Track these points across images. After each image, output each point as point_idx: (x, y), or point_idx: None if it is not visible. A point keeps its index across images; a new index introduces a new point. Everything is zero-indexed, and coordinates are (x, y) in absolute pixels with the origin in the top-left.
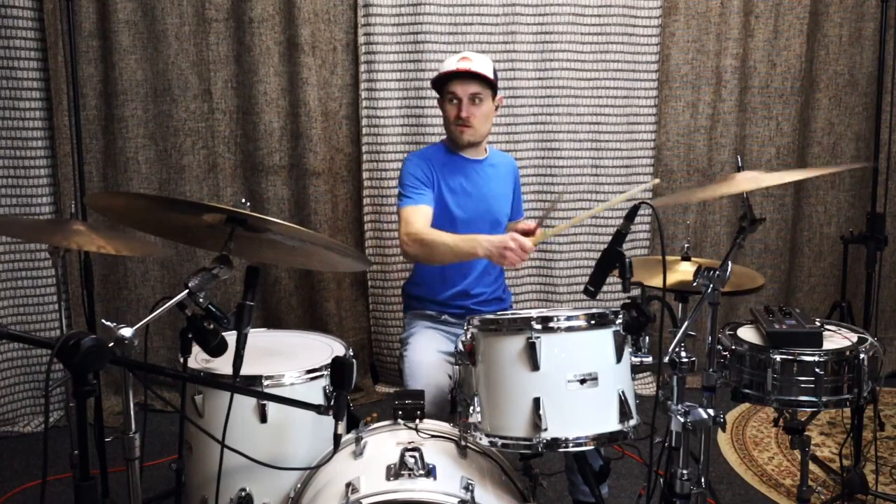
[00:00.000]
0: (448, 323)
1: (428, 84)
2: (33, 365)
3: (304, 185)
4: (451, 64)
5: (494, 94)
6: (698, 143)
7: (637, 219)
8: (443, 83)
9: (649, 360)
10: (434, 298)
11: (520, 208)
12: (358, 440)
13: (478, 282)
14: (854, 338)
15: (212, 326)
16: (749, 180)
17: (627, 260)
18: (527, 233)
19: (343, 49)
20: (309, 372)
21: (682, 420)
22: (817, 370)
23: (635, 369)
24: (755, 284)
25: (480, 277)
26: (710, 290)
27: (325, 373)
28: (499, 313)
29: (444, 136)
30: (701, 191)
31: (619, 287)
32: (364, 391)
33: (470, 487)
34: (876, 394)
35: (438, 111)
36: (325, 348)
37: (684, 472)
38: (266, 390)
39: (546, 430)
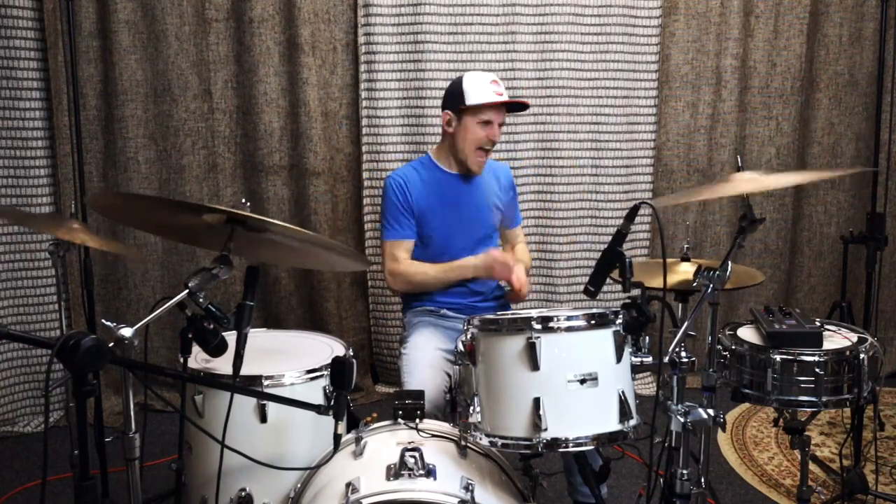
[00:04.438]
0: (448, 318)
1: (428, 84)
2: (33, 365)
3: (304, 185)
4: (487, 88)
5: None
6: (698, 143)
7: (637, 219)
8: (467, 103)
9: (649, 360)
10: (432, 296)
11: (515, 217)
12: (358, 440)
13: (473, 280)
14: (854, 338)
15: (212, 326)
16: (748, 181)
17: (627, 260)
18: None
19: (343, 49)
20: (309, 372)
21: (682, 420)
22: (817, 370)
23: (635, 369)
24: (754, 281)
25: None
26: (709, 290)
27: (325, 373)
28: (499, 313)
29: (434, 145)
30: (700, 191)
31: (619, 287)
32: (364, 391)
33: (470, 487)
34: (876, 394)
35: (438, 111)
36: (325, 348)
37: (684, 472)
38: (266, 390)
39: (546, 430)
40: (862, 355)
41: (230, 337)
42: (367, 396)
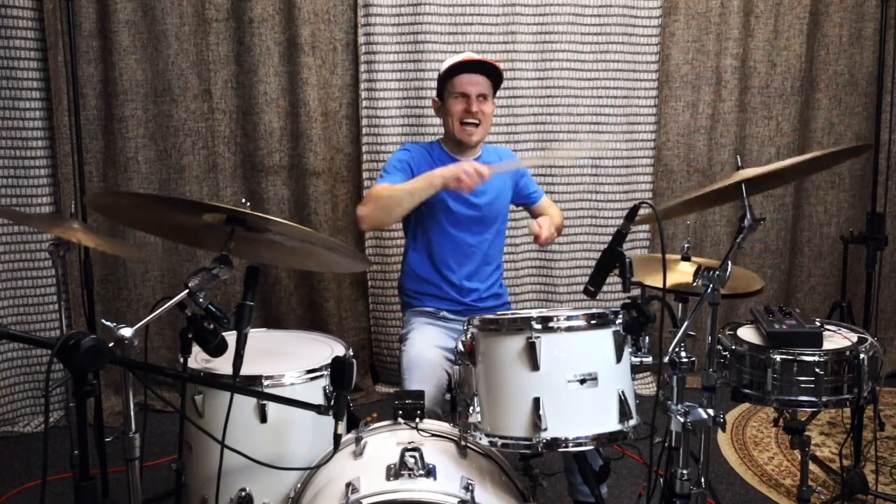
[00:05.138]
0: (447, 319)
1: (428, 84)
2: (33, 365)
3: (304, 185)
4: (458, 58)
5: (494, 95)
6: (698, 143)
7: (637, 218)
8: (446, 82)
9: (649, 360)
10: (430, 291)
11: (531, 191)
12: (358, 440)
13: (473, 276)
14: (854, 338)
15: (212, 326)
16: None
17: (627, 260)
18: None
19: (343, 49)
20: (309, 372)
21: (682, 420)
22: (817, 370)
23: (635, 369)
24: (751, 288)
25: (476, 271)
26: (709, 290)
27: (325, 373)
28: (499, 313)
29: (440, 136)
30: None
31: (619, 287)
32: (364, 391)
33: (470, 487)
34: (876, 394)
35: None
36: (325, 348)
37: (684, 472)
38: (266, 390)
39: (546, 430)
40: (862, 355)
41: (230, 337)
42: (367, 396)
